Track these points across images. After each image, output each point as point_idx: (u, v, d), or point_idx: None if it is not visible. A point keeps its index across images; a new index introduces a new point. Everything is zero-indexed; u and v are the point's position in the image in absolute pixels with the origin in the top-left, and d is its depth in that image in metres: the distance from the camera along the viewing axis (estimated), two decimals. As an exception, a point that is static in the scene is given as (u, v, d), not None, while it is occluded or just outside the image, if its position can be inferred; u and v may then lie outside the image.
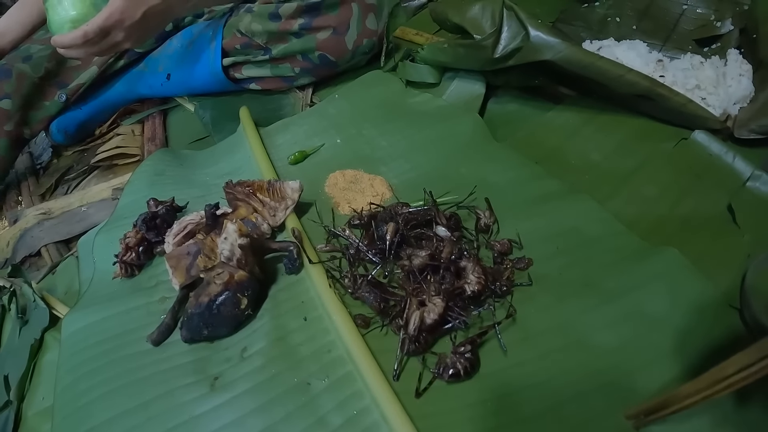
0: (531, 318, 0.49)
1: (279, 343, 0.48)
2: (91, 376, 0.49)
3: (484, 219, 0.57)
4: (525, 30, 0.68)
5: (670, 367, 0.44)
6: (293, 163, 0.71)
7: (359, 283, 0.48)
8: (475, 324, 0.48)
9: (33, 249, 0.74)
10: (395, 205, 0.56)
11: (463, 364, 0.44)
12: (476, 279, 0.47)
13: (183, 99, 0.95)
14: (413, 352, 0.45)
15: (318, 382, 0.44)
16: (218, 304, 0.48)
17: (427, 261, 0.48)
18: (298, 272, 0.53)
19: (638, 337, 0.47)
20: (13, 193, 0.88)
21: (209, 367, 0.47)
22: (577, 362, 0.46)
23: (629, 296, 0.50)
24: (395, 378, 0.44)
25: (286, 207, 0.58)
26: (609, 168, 0.68)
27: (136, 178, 0.73)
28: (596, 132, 0.73)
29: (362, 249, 0.53)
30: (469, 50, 0.72)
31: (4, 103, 0.82)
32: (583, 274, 0.53)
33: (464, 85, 0.79)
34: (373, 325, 0.48)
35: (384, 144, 0.72)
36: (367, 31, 0.83)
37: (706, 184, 0.65)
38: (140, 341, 0.51)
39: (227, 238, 0.49)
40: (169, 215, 0.62)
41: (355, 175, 0.66)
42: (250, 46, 0.83)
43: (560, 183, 0.64)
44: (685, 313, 0.48)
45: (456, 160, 0.68)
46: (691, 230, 0.60)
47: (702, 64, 0.81)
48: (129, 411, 0.46)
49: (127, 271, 0.59)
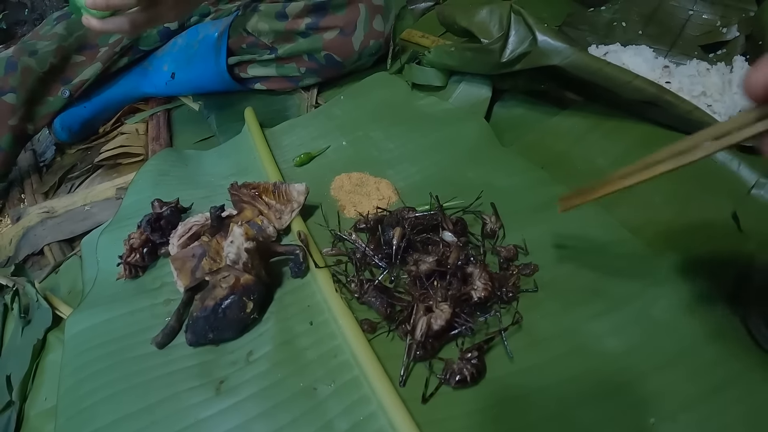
0: (537, 324, 0.49)
1: (285, 347, 0.48)
2: (94, 378, 0.49)
3: (490, 224, 0.57)
4: (532, 34, 0.67)
5: (676, 372, 0.44)
6: (299, 165, 0.71)
7: (366, 287, 0.48)
8: (480, 330, 0.48)
9: (36, 247, 0.74)
10: (401, 210, 0.56)
11: (470, 370, 0.43)
12: (483, 285, 0.47)
13: (187, 98, 0.95)
14: (420, 357, 0.45)
15: (324, 387, 0.44)
16: (224, 307, 0.48)
17: (434, 267, 0.48)
18: (303, 276, 0.53)
19: (644, 342, 0.47)
20: (16, 191, 0.88)
21: (214, 371, 0.47)
22: (584, 368, 0.46)
23: (635, 302, 0.50)
24: (402, 384, 0.44)
25: (292, 210, 0.58)
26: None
27: (140, 178, 0.72)
28: (602, 138, 0.73)
29: (369, 253, 0.52)
30: (477, 54, 0.72)
31: (9, 97, 0.82)
32: (589, 280, 0.53)
33: (471, 88, 0.78)
34: (380, 330, 0.48)
35: (390, 147, 0.72)
36: (374, 32, 0.83)
37: (711, 191, 0.65)
38: (144, 344, 0.51)
39: (233, 241, 0.49)
40: (173, 216, 0.61)
41: (361, 178, 0.66)
42: (257, 45, 0.83)
43: (566, 189, 0.63)
44: (690, 319, 0.48)
45: (462, 164, 0.68)
46: (696, 237, 0.60)
47: (708, 70, 0.80)
48: (133, 414, 0.46)
49: (131, 273, 0.58)
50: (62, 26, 0.87)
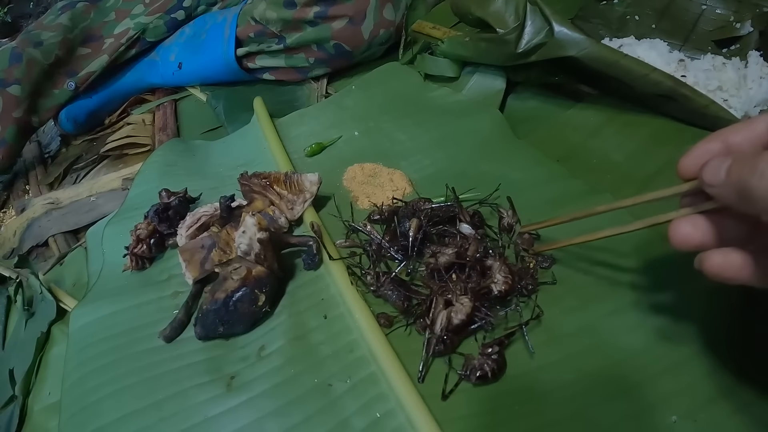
0: (556, 319, 0.47)
1: (298, 342, 0.46)
2: (100, 373, 0.48)
3: (507, 218, 0.55)
4: (549, 25, 0.66)
5: (694, 369, 0.43)
6: (310, 155, 0.69)
7: (382, 280, 0.47)
8: (499, 325, 0.47)
9: (40, 239, 0.72)
10: (417, 201, 0.55)
11: (491, 366, 0.42)
12: (503, 278, 0.46)
13: (195, 88, 0.93)
14: (439, 353, 0.43)
15: (340, 384, 0.43)
16: (235, 300, 0.46)
17: (454, 259, 0.46)
18: (317, 268, 0.52)
19: (662, 339, 0.45)
20: (21, 182, 0.87)
21: (224, 366, 0.46)
22: (603, 364, 0.44)
23: (653, 299, 0.48)
24: (420, 380, 0.43)
25: (305, 200, 0.57)
26: (631, 169, 0.66)
27: (147, 169, 0.71)
28: (617, 132, 0.71)
29: (384, 245, 0.51)
30: (492, 44, 0.70)
31: (14, 89, 0.81)
32: (607, 275, 0.51)
33: (484, 80, 0.77)
34: (396, 324, 0.46)
35: (403, 138, 0.71)
36: (384, 21, 0.81)
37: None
38: (151, 337, 0.49)
39: (246, 231, 0.48)
40: (182, 207, 0.60)
41: (374, 169, 0.64)
42: (264, 34, 0.82)
43: (582, 183, 0.62)
44: (707, 318, 0.46)
45: (476, 156, 0.66)
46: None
47: (724, 65, 0.79)
48: (140, 411, 0.44)
49: (138, 264, 0.57)
50: (66, 17, 0.86)
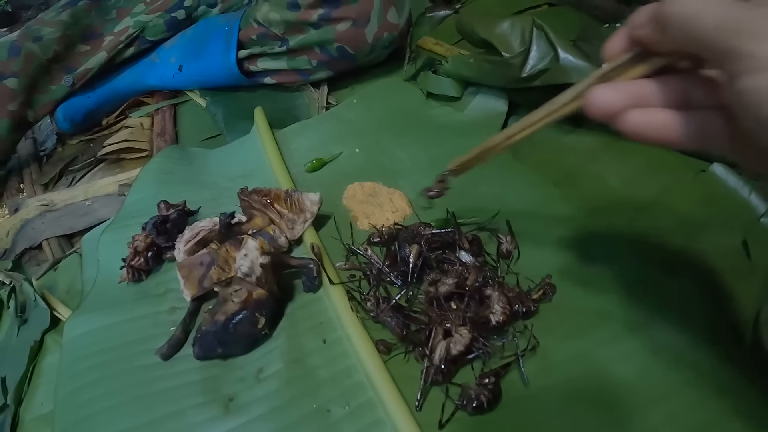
0: (550, 347, 0.48)
1: (296, 365, 0.46)
2: (94, 387, 0.47)
3: (506, 245, 0.56)
4: (554, 51, 0.67)
5: (683, 399, 0.44)
6: (310, 171, 0.69)
7: (382, 307, 0.47)
8: (496, 353, 0.47)
9: (34, 241, 0.71)
10: (417, 226, 0.55)
11: (487, 396, 0.43)
12: (501, 309, 0.46)
13: (194, 93, 0.93)
14: (436, 382, 0.44)
15: (338, 409, 0.43)
16: (235, 323, 0.46)
17: (454, 289, 0.47)
18: (316, 291, 0.52)
19: (653, 369, 0.47)
20: (15, 180, 0.85)
21: (222, 387, 0.46)
22: (596, 393, 0.45)
23: (645, 328, 0.50)
24: (418, 408, 0.43)
25: (305, 220, 0.57)
26: (627, 196, 0.67)
27: (145, 176, 0.70)
28: (615, 158, 0.72)
29: (384, 270, 0.51)
30: (496, 67, 0.71)
31: (10, 82, 0.80)
32: (600, 303, 0.52)
33: (487, 101, 0.77)
34: (394, 351, 0.47)
35: (402, 156, 0.71)
36: (388, 24, 0.81)
37: (722, 218, 0.64)
38: (147, 353, 0.49)
39: (247, 255, 0.48)
40: (180, 220, 0.59)
41: (374, 188, 0.64)
42: (267, 36, 0.81)
43: (578, 209, 0.63)
44: (698, 347, 0.48)
45: (475, 177, 0.66)
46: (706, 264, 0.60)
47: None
48: (135, 429, 0.44)
49: (135, 276, 0.56)
50: (67, 14, 0.85)
